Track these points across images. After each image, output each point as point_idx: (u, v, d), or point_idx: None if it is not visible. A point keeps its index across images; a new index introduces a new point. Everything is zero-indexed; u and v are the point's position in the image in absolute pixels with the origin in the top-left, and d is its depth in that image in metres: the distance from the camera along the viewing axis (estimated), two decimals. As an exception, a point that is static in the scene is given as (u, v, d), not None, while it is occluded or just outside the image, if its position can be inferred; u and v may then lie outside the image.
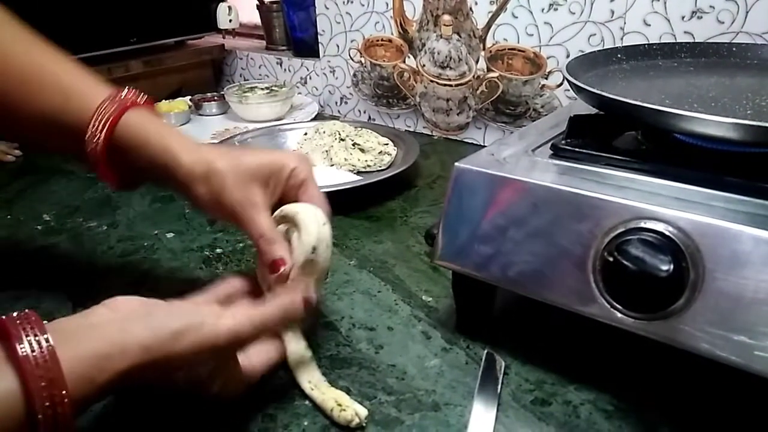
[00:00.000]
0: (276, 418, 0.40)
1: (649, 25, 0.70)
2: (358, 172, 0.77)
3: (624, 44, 0.71)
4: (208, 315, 0.36)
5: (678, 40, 0.68)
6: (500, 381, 0.43)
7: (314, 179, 0.47)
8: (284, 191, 0.47)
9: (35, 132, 0.48)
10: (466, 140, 0.92)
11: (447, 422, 0.40)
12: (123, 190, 0.51)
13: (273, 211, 0.46)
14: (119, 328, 0.33)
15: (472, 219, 0.44)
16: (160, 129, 0.46)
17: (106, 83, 0.47)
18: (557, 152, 0.47)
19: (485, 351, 0.45)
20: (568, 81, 0.48)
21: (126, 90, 0.46)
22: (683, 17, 0.68)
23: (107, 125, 0.44)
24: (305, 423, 0.40)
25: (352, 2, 0.97)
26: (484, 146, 0.50)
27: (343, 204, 0.69)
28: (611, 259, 0.37)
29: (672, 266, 0.35)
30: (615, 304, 0.38)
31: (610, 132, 0.50)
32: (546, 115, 0.80)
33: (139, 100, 0.47)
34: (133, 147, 0.45)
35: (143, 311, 0.35)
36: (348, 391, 0.42)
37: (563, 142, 0.47)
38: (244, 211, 0.44)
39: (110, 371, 0.31)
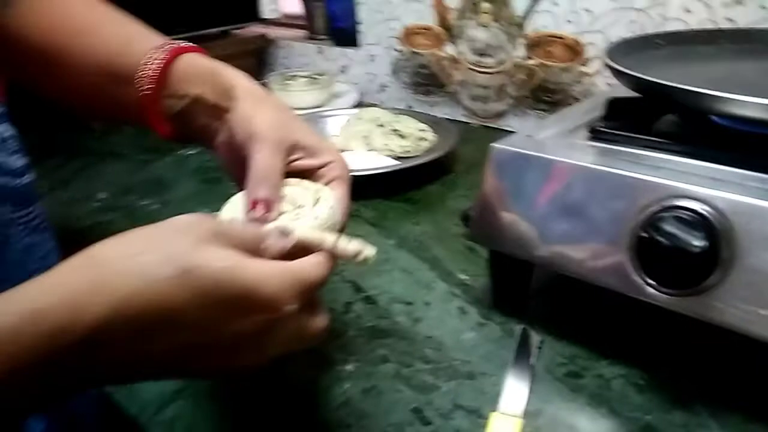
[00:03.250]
0: (318, 381, 0.43)
1: (691, 11, 0.70)
2: (397, 158, 0.78)
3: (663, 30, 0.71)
4: None
5: (719, 27, 0.68)
6: (535, 354, 0.44)
7: (347, 184, 0.42)
8: (308, 174, 0.42)
9: (86, 85, 0.46)
10: (504, 128, 0.93)
11: (482, 390, 0.41)
12: (172, 140, 0.47)
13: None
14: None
15: (508, 198, 0.46)
16: (216, 65, 0.44)
17: (161, 36, 0.46)
18: (594, 134, 0.47)
19: (520, 326, 0.47)
20: (607, 65, 0.49)
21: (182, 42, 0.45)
22: (725, 4, 0.67)
23: (163, 62, 0.42)
24: (346, 386, 0.42)
25: (392, -9, 0.98)
26: (523, 134, 0.51)
27: (382, 187, 0.72)
28: (645, 235, 0.38)
29: (706, 242, 0.36)
30: (648, 280, 0.39)
31: (649, 115, 0.50)
32: (584, 102, 0.81)
33: (194, 48, 0.45)
34: (186, 81, 0.43)
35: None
36: (386, 359, 0.44)
37: (600, 124, 0.48)
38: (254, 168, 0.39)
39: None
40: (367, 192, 0.71)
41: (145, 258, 0.27)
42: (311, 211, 0.38)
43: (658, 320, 0.42)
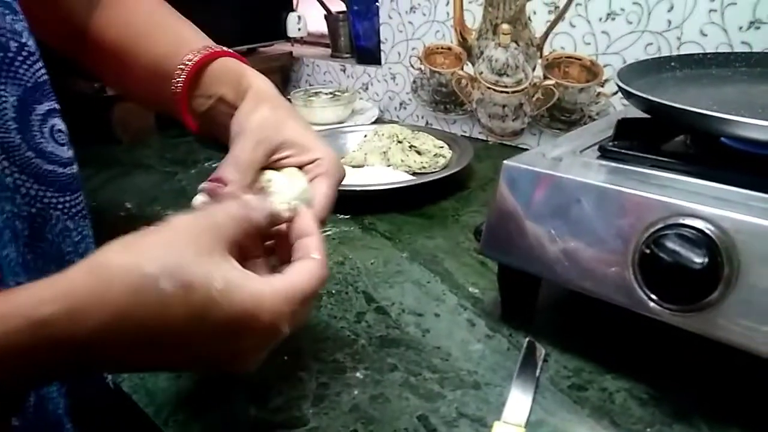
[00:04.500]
0: (328, 387, 0.44)
1: (706, 35, 0.71)
2: (414, 173, 0.80)
3: (680, 54, 0.72)
4: None
5: (735, 50, 0.69)
6: (539, 366, 0.45)
7: (333, 180, 0.42)
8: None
9: (142, 81, 0.50)
10: (520, 146, 0.94)
11: (486, 400, 0.42)
12: (201, 135, 0.51)
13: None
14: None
15: (518, 213, 0.47)
16: (243, 69, 0.46)
17: (212, 42, 0.49)
18: (604, 153, 0.49)
19: (527, 339, 0.48)
20: (619, 86, 0.51)
21: (225, 49, 0.48)
22: (741, 28, 0.68)
23: (195, 64, 0.45)
24: (355, 392, 0.44)
25: (414, 12, 1.01)
26: (538, 152, 0.52)
27: (398, 202, 0.73)
28: (648, 251, 0.39)
29: (706, 260, 0.37)
30: (652, 296, 0.40)
31: (659, 136, 0.51)
32: (600, 122, 0.82)
33: (228, 53, 0.48)
34: (215, 83, 0.46)
35: None
36: (395, 368, 0.46)
37: (610, 144, 0.49)
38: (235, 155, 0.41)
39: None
40: (384, 206, 0.73)
41: (147, 270, 0.27)
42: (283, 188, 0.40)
43: (663, 335, 0.43)
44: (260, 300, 0.29)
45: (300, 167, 0.43)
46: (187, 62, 0.46)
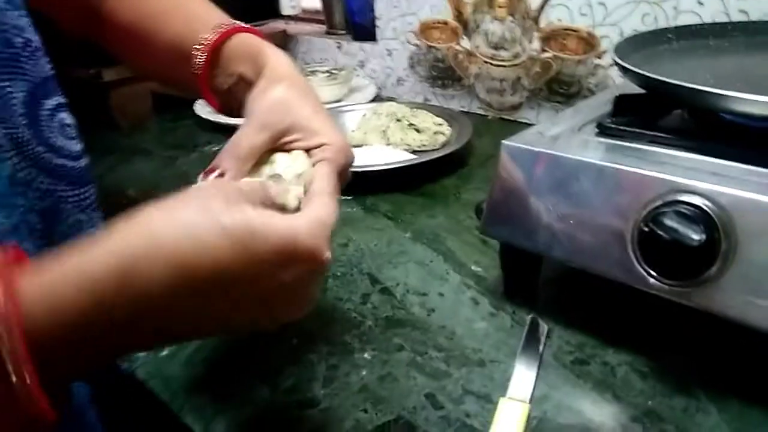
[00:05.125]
0: (338, 368, 0.45)
1: (703, 4, 0.70)
2: (414, 151, 0.81)
3: (677, 24, 0.72)
4: None
5: (732, 19, 0.68)
6: (542, 342, 0.46)
7: (334, 165, 0.42)
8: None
9: (161, 61, 0.50)
10: (519, 120, 0.94)
11: (491, 377, 0.44)
12: (224, 114, 0.51)
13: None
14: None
15: (518, 193, 0.47)
16: (262, 45, 0.46)
17: (227, 17, 0.49)
18: (602, 130, 0.49)
19: (530, 316, 0.49)
20: (615, 61, 0.51)
21: (241, 24, 0.48)
22: (738, -5, 0.68)
23: (213, 43, 0.45)
24: (363, 373, 0.45)
25: (409, -14, 1.00)
26: (537, 126, 0.53)
27: (399, 181, 0.74)
28: (647, 229, 0.39)
29: (704, 236, 0.37)
30: (651, 272, 0.41)
31: (657, 111, 0.52)
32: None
33: (246, 28, 0.48)
34: (235, 60, 0.46)
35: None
36: (401, 348, 0.47)
37: (609, 120, 0.49)
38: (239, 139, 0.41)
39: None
40: (385, 186, 0.73)
41: (190, 220, 0.29)
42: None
43: (663, 310, 0.44)
44: (296, 227, 0.31)
45: (307, 151, 0.43)
46: (203, 42, 0.46)
